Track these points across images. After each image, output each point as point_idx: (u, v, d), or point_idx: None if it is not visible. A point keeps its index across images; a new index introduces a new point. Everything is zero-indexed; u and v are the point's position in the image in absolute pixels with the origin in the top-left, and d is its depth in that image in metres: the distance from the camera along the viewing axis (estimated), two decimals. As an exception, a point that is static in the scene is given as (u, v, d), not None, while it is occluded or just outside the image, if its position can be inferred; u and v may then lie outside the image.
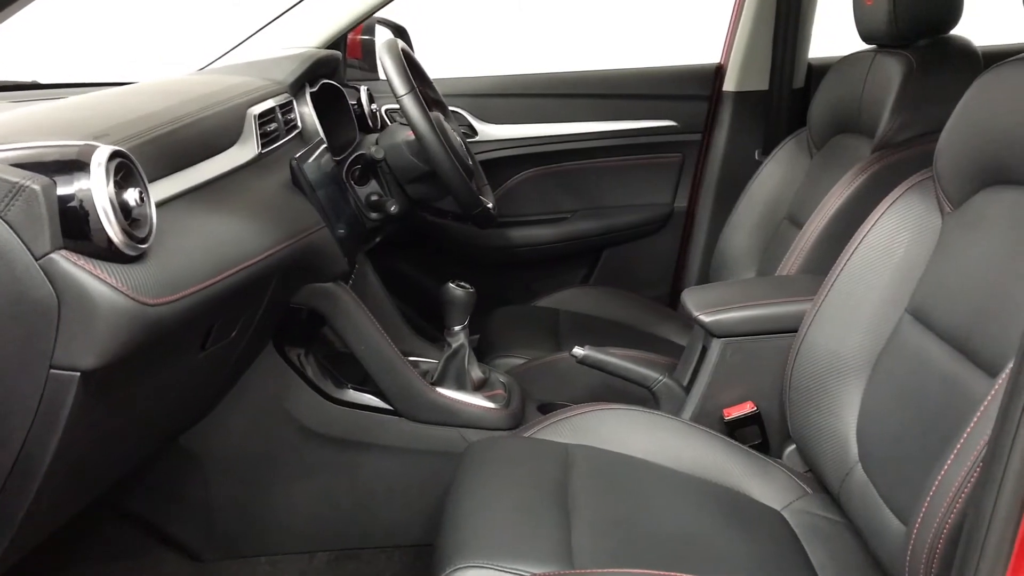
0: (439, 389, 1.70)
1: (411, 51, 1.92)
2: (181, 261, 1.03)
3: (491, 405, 1.71)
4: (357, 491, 1.69)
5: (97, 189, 0.91)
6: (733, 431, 1.59)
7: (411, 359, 1.74)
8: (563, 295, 2.36)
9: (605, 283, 2.55)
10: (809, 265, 1.77)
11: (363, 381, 1.71)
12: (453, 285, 1.72)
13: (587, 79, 2.54)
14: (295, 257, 1.36)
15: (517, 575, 1.11)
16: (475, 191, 1.81)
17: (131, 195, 0.95)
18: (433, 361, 1.84)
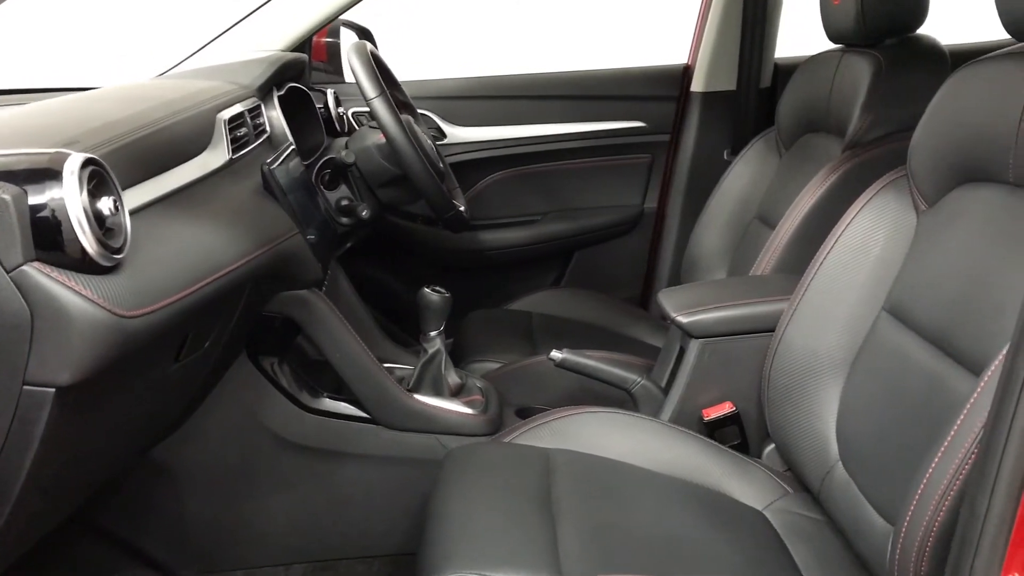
0: (416, 396, 1.68)
1: (379, 54, 1.90)
2: (157, 271, 1.00)
3: (469, 411, 1.69)
4: (334, 501, 1.66)
5: (70, 198, 0.88)
6: (713, 432, 1.59)
7: (386, 366, 1.72)
8: (535, 298, 2.35)
9: (576, 285, 2.55)
10: (783, 265, 1.78)
11: (338, 389, 1.69)
12: (428, 290, 1.71)
13: (555, 80, 2.54)
14: (270, 264, 1.33)
15: None
16: (447, 194, 1.80)
17: (105, 204, 0.93)
18: (408, 367, 1.82)
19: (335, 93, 2.15)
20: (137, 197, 1.08)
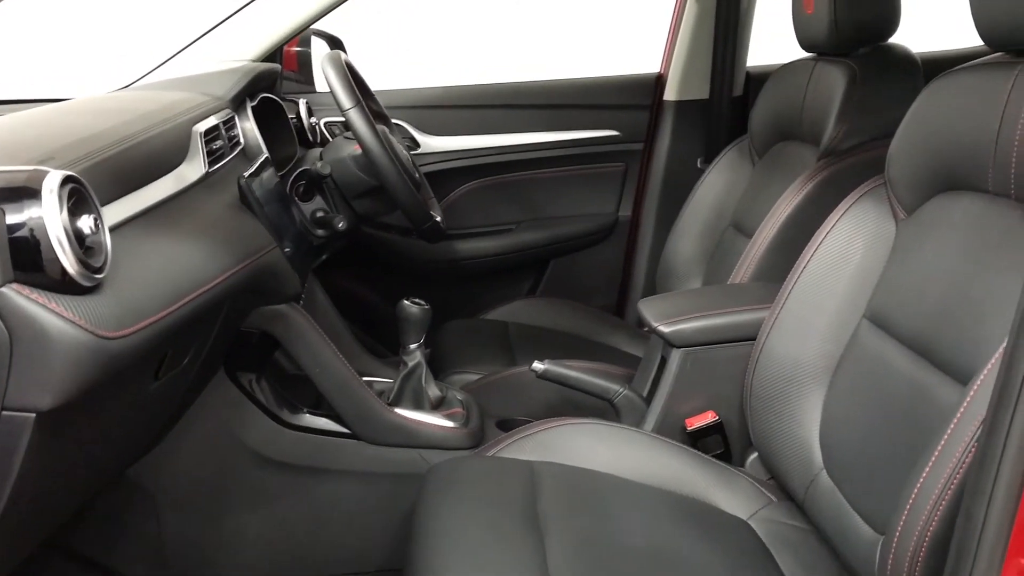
0: (397, 410, 1.66)
1: (352, 64, 1.88)
2: (138, 290, 0.98)
3: (450, 424, 1.67)
4: (315, 518, 1.64)
5: (50, 217, 0.85)
6: (696, 441, 1.59)
7: (365, 379, 1.70)
8: (511, 307, 2.34)
9: (551, 293, 2.54)
10: (761, 273, 1.79)
11: (316, 404, 1.66)
12: (408, 302, 1.69)
13: (529, 90, 2.53)
14: (250, 279, 1.31)
15: None
16: (424, 205, 1.78)
17: (85, 222, 0.90)
18: (387, 380, 1.80)
19: (307, 103, 2.13)
20: (116, 214, 1.05)
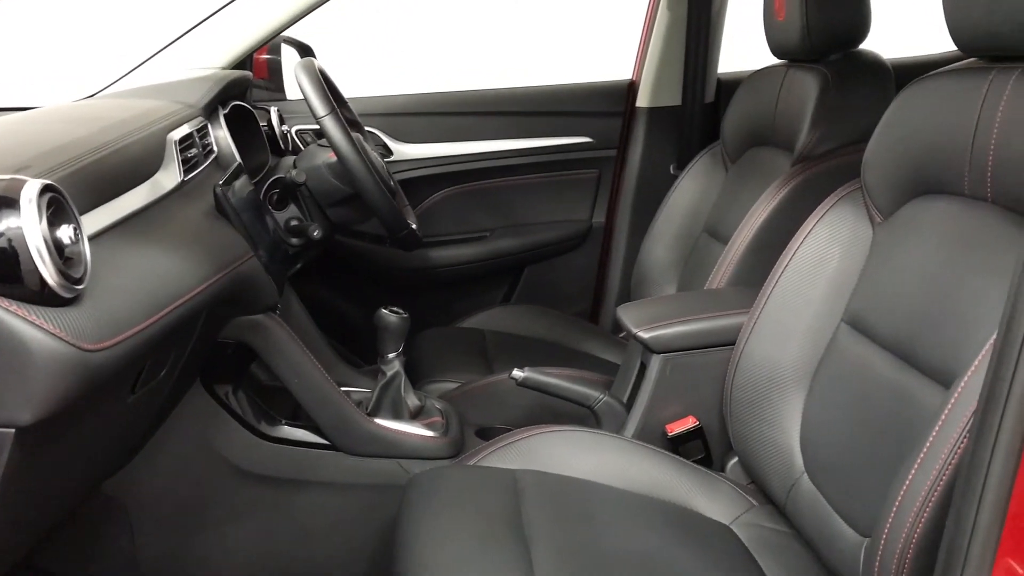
0: (376, 420, 1.65)
1: (325, 71, 1.86)
2: (118, 301, 0.96)
3: (430, 433, 1.66)
4: (295, 531, 1.61)
5: (29, 227, 0.83)
6: (677, 447, 1.59)
7: (343, 389, 1.68)
8: (486, 315, 2.33)
9: (526, 300, 2.54)
10: (738, 278, 1.80)
11: (294, 415, 1.64)
12: (386, 311, 1.67)
13: (501, 97, 2.53)
14: (228, 289, 1.29)
15: None
16: (400, 212, 1.77)
17: (64, 232, 0.88)
18: (365, 390, 1.78)
19: (279, 111, 2.11)
20: (94, 222, 1.03)
